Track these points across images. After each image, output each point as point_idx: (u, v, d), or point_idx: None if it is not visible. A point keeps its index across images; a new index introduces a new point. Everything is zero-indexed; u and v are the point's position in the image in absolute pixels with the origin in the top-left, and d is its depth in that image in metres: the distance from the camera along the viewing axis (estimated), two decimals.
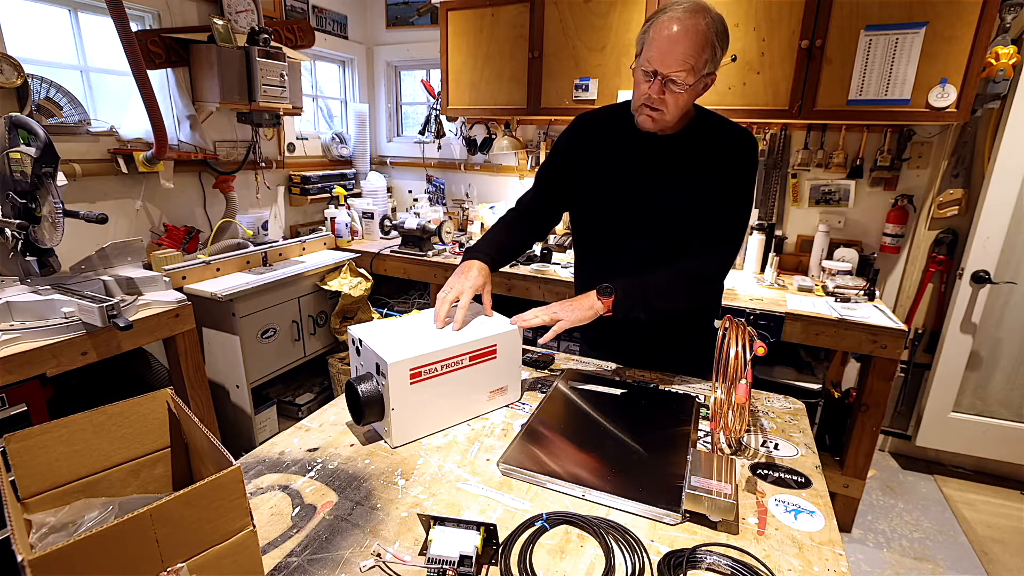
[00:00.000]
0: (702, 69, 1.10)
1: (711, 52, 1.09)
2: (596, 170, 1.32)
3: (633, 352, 1.42)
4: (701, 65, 1.09)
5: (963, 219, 2.39)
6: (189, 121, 2.41)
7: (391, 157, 3.66)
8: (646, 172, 1.26)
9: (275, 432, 2.10)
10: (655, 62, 1.09)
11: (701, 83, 1.13)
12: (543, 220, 1.45)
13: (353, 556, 0.76)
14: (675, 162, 1.24)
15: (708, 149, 1.23)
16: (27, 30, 1.97)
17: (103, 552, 0.54)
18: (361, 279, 2.59)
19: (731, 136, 1.23)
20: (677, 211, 1.25)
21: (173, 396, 0.81)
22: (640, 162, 1.27)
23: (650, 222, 1.28)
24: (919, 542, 2.15)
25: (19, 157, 1.58)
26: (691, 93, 1.13)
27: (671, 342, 1.40)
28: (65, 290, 1.64)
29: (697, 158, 1.23)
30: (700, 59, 1.08)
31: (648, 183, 1.27)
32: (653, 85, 1.11)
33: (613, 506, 0.87)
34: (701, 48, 1.07)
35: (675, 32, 1.07)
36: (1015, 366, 2.41)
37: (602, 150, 1.31)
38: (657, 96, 1.12)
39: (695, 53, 1.07)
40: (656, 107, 1.14)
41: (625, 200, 1.29)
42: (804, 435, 1.11)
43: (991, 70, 2.09)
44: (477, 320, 1.19)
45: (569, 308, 1.17)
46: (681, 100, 1.13)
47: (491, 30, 2.68)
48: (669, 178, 1.25)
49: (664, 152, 1.24)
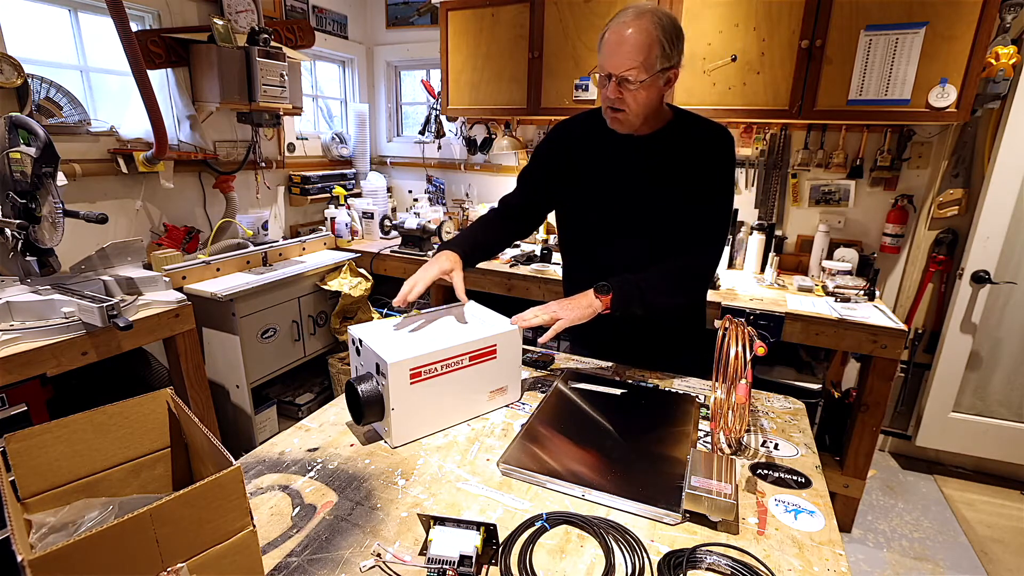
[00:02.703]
0: (654, 65, 1.13)
1: (660, 48, 1.13)
2: (578, 173, 1.36)
3: (620, 348, 1.44)
4: (652, 61, 1.13)
5: (963, 219, 2.39)
6: (189, 121, 2.41)
7: (391, 157, 3.66)
8: (627, 173, 1.30)
9: (275, 432, 2.10)
10: (607, 65, 1.16)
11: (660, 79, 1.16)
12: (524, 221, 1.49)
13: (353, 556, 0.76)
14: (654, 162, 1.27)
15: (686, 148, 1.26)
16: (27, 30, 1.97)
17: (103, 552, 0.54)
18: (361, 279, 2.59)
19: (708, 134, 1.26)
20: (660, 210, 1.28)
21: (173, 396, 0.81)
22: (621, 164, 1.30)
23: (634, 221, 1.31)
24: (919, 542, 2.15)
25: (19, 157, 1.58)
26: (650, 90, 1.16)
27: (657, 339, 1.42)
28: (65, 290, 1.64)
29: (676, 157, 1.26)
30: (648, 56, 1.12)
31: (633, 183, 1.29)
32: (610, 88, 1.17)
33: (613, 506, 0.87)
34: (647, 46, 1.11)
35: (620, 35, 1.13)
36: (1015, 366, 2.40)
37: (583, 154, 1.35)
38: (615, 96, 1.17)
39: (641, 51, 1.12)
40: (617, 107, 1.19)
41: (608, 201, 1.32)
42: (804, 435, 1.11)
43: (991, 70, 2.09)
44: (477, 320, 1.19)
45: (568, 307, 1.18)
46: (640, 97, 1.16)
47: (491, 30, 2.68)
48: (650, 178, 1.28)
49: (643, 153, 1.28)
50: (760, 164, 2.60)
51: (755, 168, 2.63)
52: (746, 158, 2.62)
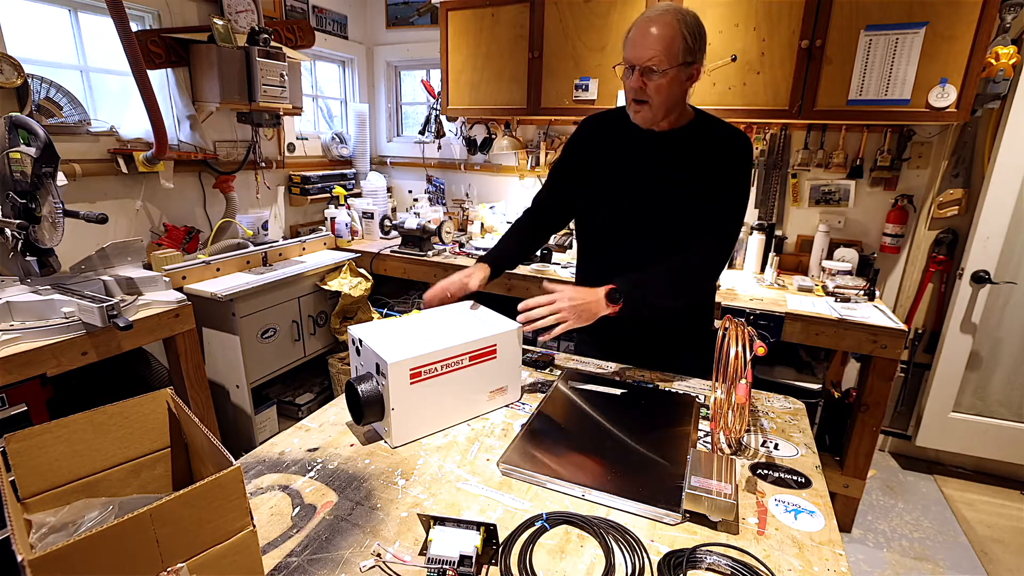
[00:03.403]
0: (677, 57, 1.17)
1: (683, 41, 1.16)
2: (602, 167, 1.38)
3: (624, 350, 1.45)
4: (675, 52, 1.16)
5: (963, 219, 2.39)
6: (189, 121, 2.41)
7: (391, 157, 3.66)
8: (648, 169, 1.31)
9: (275, 432, 2.09)
10: (631, 57, 1.20)
11: (682, 73, 1.19)
12: (555, 216, 1.52)
13: (353, 556, 0.76)
14: (675, 159, 1.29)
15: (706, 147, 1.28)
16: (27, 30, 1.97)
17: (103, 552, 0.54)
18: (361, 279, 2.59)
19: (728, 135, 1.29)
20: (677, 208, 1.29)
21: (173, 396, 0.81)
22: (643, 159, 1.32)
23: (651, 218, 1.32)
24: (919, 542, 2.15)
25: (19, 157, 1.58)
26: (673, 83, 1.19)
27: (660, 339, 1.43)
28: (65, 290, 1.64)
29: (696, 155, 1.28)
30: (671, 47, 1.16)
31: (650, 180, 1.31)
32: (634, 78, 1.20)
33: (613, 506, 0.87)
34: (670, 37, 1.15)
35: (644, 28, 1.18)
36: (1015, 366, 2.40)
37: (608, 148, 1.37)
38: (639, 87, 1.20)
39: (665, 41, 1.15)
40: (640, 99, 1.22)
41: (628, 196, 1.33)
42: (804, 435, 1.11)
43: (991, 70, 2.09)
44: (477, 320, 1.19)
45: (577, 312, 1.15)
46: (663, 89, 1.19)
47: (491, 30, 2.68)
48: (670, 175, 1.29)
49: (665, 150, 1.30)
50: (760, 164, 2.60)
51: (755, 168, 2.63)
52: None
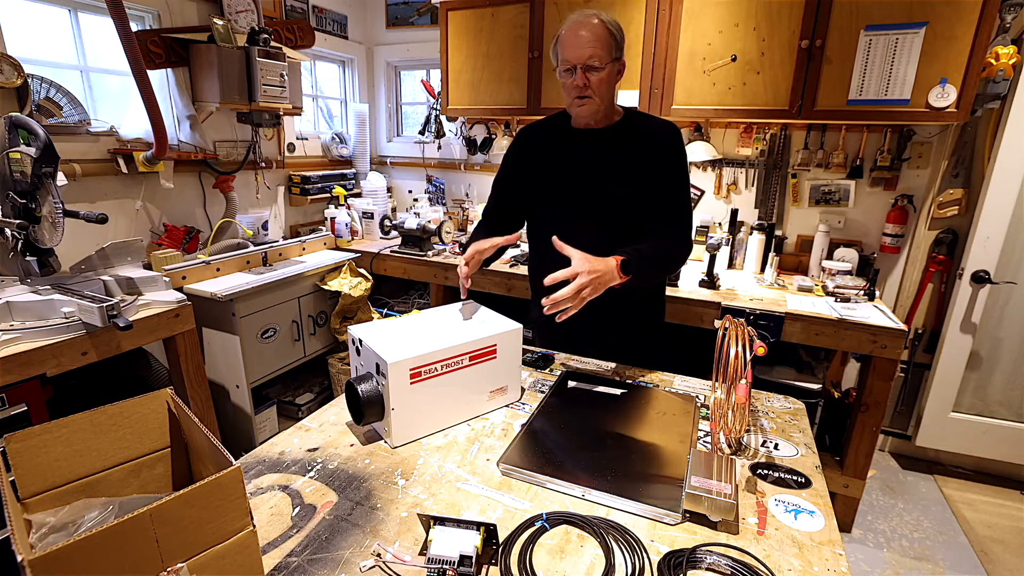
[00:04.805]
0: (612, 53, 1.29)
1: (612, 39, 1.28)
2: (545, 169, 1.47)
3: (581, 337, 1.49)
4: (610, 49, 1.28)
5: (963, 219, 2.39)
6: (189, 121, 2.41)
7: (391, 157, 3.66)
8: (590, 163, 1.41)
9: (275, 432, 2.09)
10: (571, 58, 1.28)
11: (615, 68, 1.31)
12: (505, 224, 1.58)
13: (353, 556, 0.76)
14: (611, 153, 1.39)
15: (638, 139, 1.38)
16: (27, 30, 1.97)
17: (103, 552, 0.54)
18: (361, 279, 2.59)
19: (660, 126, 1.39)
20: (621, 197, 1.39)
21: (173, 396, 0.81)
22: (584, 155, 1.42)
23: (597, 209, 1.41)
24: (919, 542, 2.15)
25: (19, 157, 1.58)
26: (610, 76, 1.31)
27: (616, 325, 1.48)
28: (65, 290, 1.64)
29: (630, 147, 1.38)
30: (607, 43, 1.27)
31: (592, 174, 1.40)
32: (577, 76, 1.28)
33: (613, 506, 0.87)
34: (604, 35, 1.27)
35: (577, 32, 1.28)
36: (1015, 366, 2.40)
37: (549, 151, 1.47)
38: (583, 83, 1.29)
39: (600, 39, 1.26)
40: (585, 95, 1.31)
41: (574, 191, 1.42)
42: (804, 435, 1.11)
43: (991, 70, 2.09)
44: (477, 320, 1.19)
45: (594, 285, 1.14)
46: (604, 82, 1.30)
47: (491, 30, 2.68)
48: (610, 167, 1.39)
49: (604, 145, 1.40)
50: (760, 164, 2.60)
51: (755, 168, 2.63)
52: (746, 158, 2.62)
